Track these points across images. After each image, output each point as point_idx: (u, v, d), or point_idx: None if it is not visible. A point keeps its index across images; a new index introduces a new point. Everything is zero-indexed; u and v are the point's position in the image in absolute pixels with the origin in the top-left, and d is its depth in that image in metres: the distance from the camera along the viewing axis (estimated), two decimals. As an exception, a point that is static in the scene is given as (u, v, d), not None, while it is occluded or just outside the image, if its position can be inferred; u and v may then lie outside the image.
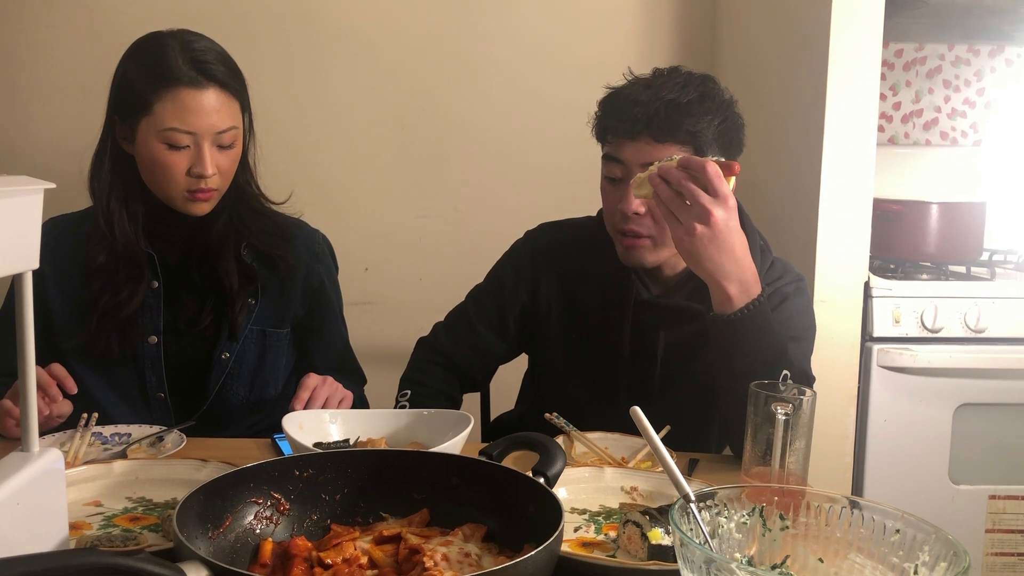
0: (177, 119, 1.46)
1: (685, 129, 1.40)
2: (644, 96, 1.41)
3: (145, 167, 1.51)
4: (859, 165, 2.04)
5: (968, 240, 2.32)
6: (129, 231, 1.54)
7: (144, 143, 1.49)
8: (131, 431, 1.42)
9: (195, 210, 1.54)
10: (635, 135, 1.41)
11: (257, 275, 1.62)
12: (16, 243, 0.82)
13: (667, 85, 1.42)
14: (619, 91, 1.48)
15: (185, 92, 1.46)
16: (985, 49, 2.77)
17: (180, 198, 1.52)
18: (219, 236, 1.59)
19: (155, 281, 1.58)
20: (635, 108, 1.40)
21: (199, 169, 1.48)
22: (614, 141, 1.44)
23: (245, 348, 1.62)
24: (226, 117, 1.50)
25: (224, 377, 1.61)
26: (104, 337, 1.54)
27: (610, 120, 1.45)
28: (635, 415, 0.97)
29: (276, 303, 1.65)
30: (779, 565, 0.86)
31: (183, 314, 1.60)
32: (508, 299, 1.62)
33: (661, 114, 1.39)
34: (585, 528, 1.09)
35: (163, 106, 1.46)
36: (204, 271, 1.60)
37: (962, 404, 2.09)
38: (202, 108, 1.47)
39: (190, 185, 1.50)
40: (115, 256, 1.55)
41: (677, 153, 1.37)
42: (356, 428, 1.29)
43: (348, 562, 0.86)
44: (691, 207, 1.25)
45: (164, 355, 1.59)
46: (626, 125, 1.41)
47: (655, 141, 1.40)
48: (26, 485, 0.83)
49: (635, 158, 1.41)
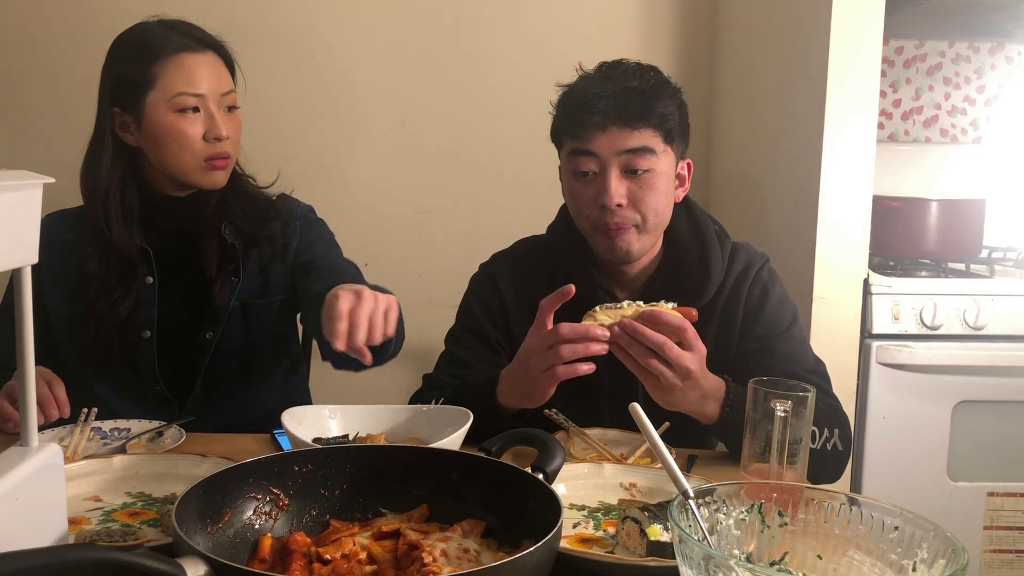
0: (184, 82, 1.49)
1: (657, 112, 1.41)
2: (607, 87, 1.41)
3: (158, 144, 1.51)
4: (859, 162, 2.04)
5: (967, 237, 2.33)
6: (124, 227, 1.54)
7: (153, 118, 1.49)
8: (130, 426, 1.42)
9: (213, 180, 1.54)
10: (606, 126, 1.40)
11: (239, 254, 1.60)
12: (15, 238, 0.82)
13: (625, 74, 1.43)
14: (576, 87, 1.47)
15: (187, 56, 1.50)
16: (985, 46, 2.77)
17: (198, 168, 1.52)
18: (206, 220, 1.59)
19: (149, 276, 1.58)
20: (600, 100, 1.40)
21: (215, 131, 1.50)
22: (583, 135, 1.42)
23: (230, 325, 1.61)
24: (226, 80, 1.55)
25: (210, 357, 1.60)
26: (104, 340, 1.54)
27: (576, 115, 1.43)
28: (634, 412, 0.97)
29: (259, 275, 1.63)
30: (778, 562, 0.86)
31: (173, 305, 1.60)
32: (486, 329, 1.57)
33: (633, 99, 1.40)
34: (584, 524, 1.09)
35: (167, 74, 1.48)
36: (191, 258, 1.59)
37: (961, 401, 2.10)
38: (206, 69, 1.51)
39: (207, 151, 1.51)
40: (107, 258, 1.54)
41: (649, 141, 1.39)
42: (355, 424, 1.29)
43: (347, 558, 0.86)
44: (670, 365, 1.23)
45: (156, 347, 1.59)
46: (595, 118, 1.40)
47: (628, 127, 1.40)
48: (25, 480, 0.83)
49: (610, 147, 1.40)
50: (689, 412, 1.32)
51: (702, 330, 1.34)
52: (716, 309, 1.50)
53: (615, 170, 1.41)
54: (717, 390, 1.31)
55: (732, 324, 1.50)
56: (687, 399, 1.28)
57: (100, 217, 1.53)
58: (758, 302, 1.50)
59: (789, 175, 2.22)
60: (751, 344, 1.48)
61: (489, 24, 2.61)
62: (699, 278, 1.48)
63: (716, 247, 1.50)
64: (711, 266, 1.49)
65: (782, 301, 1.52)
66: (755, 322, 1.49)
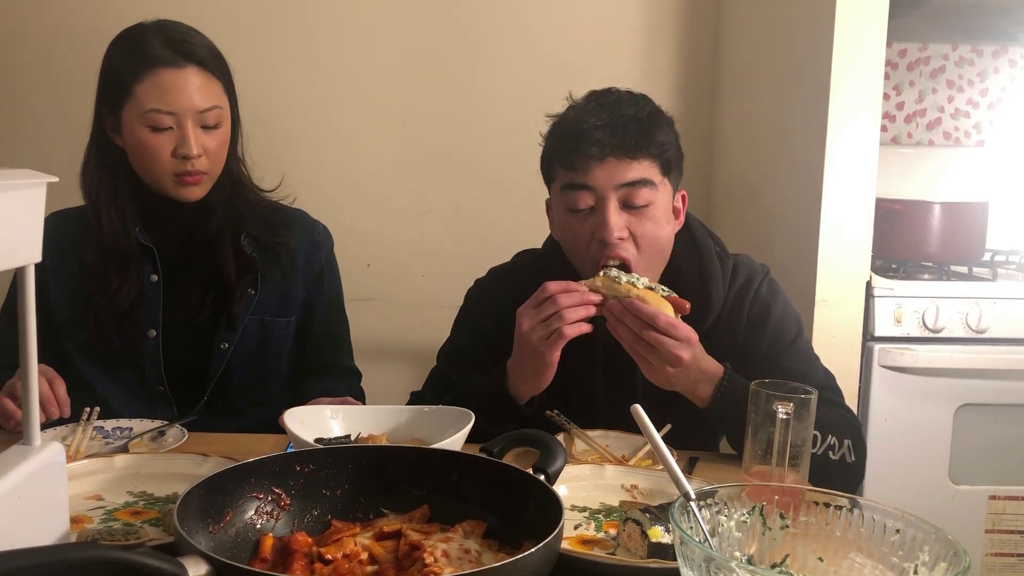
0: (157, 99, 1.47)
1: (656, 141, 1.38)
2: (603, 116, 1.37)
3: (133, 154, 1.52)
4: (862, 164, 2.04)
5: (970, 240, 2.32)
6: (118, 225, 1.55)
7: (129, 129, 1.49)
8: (132, 425, 1.42)
9: (186, 194, 1.53)
10: (603, 156, 1.36)
11: (258, 265, 1.62)
12: (19, 236, 0.82)
13: (619, 103, 1.39)
14: (568, 117, 1.41)
15: (163, 72, 1.47)
16: (989, 49, 2.77)
17: (169, 183, 1.52)
18: (217, 227, 1.59)
19: (154, 275, 1.58)
20: (597, 131, 1.35)
21: (184, 150, 1.49)
22: (579, 167, 1.37)
23: (244, 338, 1.62)
24: (207, 96, 1.51)
25: (223, 368, 1.61)
26: (104, 333, 1.55)
27: (570, 145, 1.38)
28: (636, 413, 0.97)
29: (277, 292, 1.65)
30: (779, 564, 0.86)
31: (183, 307, 1.60)
32: (477, 351, 1.55)
33: (631, 129, 1.36)
34: (585, 525, 1.09)
35: (143, 89, 1.47)
36: (204, 263, 1.60)
37: (963, 404, 2.09)
38: (181, 87, 1.48)
39: (177, 168, 1.50)
40: (104, 251, 1.55)
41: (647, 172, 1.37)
42: (357, 424, 1.29)
43: (348, 558, 0.87)
44: (658, 352, 1.27)
45: (163, 348, 1.59)
46: (592, 148, 1.35)
47: (627, 158, 1.36)
48: (27, 479, 0.83)
49: (608, 180, 1.36)
50: (683, 392, 1.34)
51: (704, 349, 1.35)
52: (717, 328, 1.47)
53: (613, 203, 1.37)
54: (714, 375, 1.32)
55: (733, 341, 1.47)
56: (679, 383, 1.31)
57: (91, 214, 1.55)
58: (760, 319, 1.47)
59: (792, 177, 2.22)
60: (757, 363, 1.42)
61: (491, 26, 2.60)
62: (701, 306, 1.45)
63: (718, 272, 1.48)
64: (712, 292, 1.46)
65: (784, 315, 1.49)
66: (758, 340, 1.46)
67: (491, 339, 1.51)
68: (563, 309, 1.29)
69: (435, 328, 1.77)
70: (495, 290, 1.59)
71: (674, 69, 2.65)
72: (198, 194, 1.54)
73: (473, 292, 1.64)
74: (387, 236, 2.64)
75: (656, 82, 2.60)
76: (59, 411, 1.37)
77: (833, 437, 1.33)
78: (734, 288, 1.49)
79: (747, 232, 2.44)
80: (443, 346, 1.61)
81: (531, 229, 1.73)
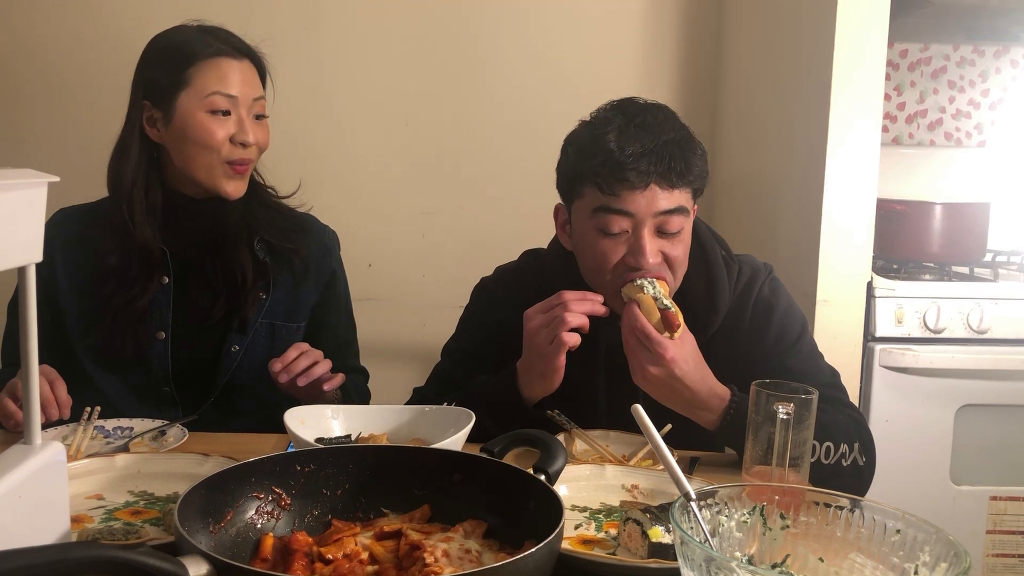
0: (220, 83, 1.52)
1: (696, 170, 1.37)
2: (646, 143, 1.33)
3: (185, 142, 1.53)
4: (863, 165, 2.04)
5: (972, 241, 2.32)
6: (147, 223, 1.55)
7: (184, 116, 1.52)
8: (133, 425, 1.42)
9: (232, 189, 1.56)
10: (647, 184, 1.33)
11: (270, 270, 1.62)
12: (19, 236, 0.82)
13: (658, 127, 1.35)
14: (604, 139, 1.35)
15: (224, 60, 1.54)
16: (990, 50, 2.77)
17: (220, 172, 1.54)
18: (233, 230, 1.60)
19: (165, 277, 1.58)
20: (641, 160, 1.32)
21: (242, 136, 1.53)
22: (618, 193, 1.33)
23: (255, 342, 1.62)
24: (258, 87, 1.59)
25: (232, 371, 1.61)
26: (119, 337, 1.55)
27: (610, 170, 1.33)
28: (636, 413, 0.97)
29: (288, 297, 1.65)
30: (779, 564, 0.86)
31: (193, 309, 1.60)
32: (480, 350, 1.55)
33: (675, 158, 1.33)
34: (586, 525, 1.09)
35: (204, 75, 1.52)
36: (217, 265, 1.60)
37: (964, 405, 2.09)
38: (240, 75, 1.55)
39: (232, 154, 1.54)
40: (128, 253, 1.55)
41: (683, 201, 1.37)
42: (358, 424, 1.29)
43: (349, 557, 0.87)
44: (646, 350, 1.29)
45: (172, 349, 1.59)
46: (635, 177, 1.32)
47: (668, 186, 1.34)
48: (28, 478, 0.83)
49: (648, 209, 1.34)
50: (683, 413, 1.33)
51: (707, 354, 1.35)
52: (721, 330, 1.47)
53: (649, 229, 1.35)
54: (715, 400, 1.31)
55: (737, 342, 1.47)
56: (663, 396, 1.31)
57: (125, 212, 1.55)
58: (763, 319, 1.47)
59: (793, 178, 2.22)
60: (761, 364, 1.42)
61: (494, 27, 2.61)
62: (706, 314, 1.45)
63: (723, 279, 1.47)
64: (718, 300, 1.46)
65: (788, 314, 1.48)
66: (761, 340, 1.46)
67: (496, 339, 1.51)
68: (567, 313, 1.30)
69: (436, 328, 1.78)
70: (501, 290, 1.59)
71: (676, 69, 2.65)
72: (241, 189, 1.58)
73: (479, 291, 1.64)
74: (388, 236, 2.65)
75: (658, 82, 2.60)
76: (59, 413, 1.37)
77: (844, 444, 1.32)
78: (737, 289, 1.49)
79: (748, 232, 2.44)
80: (447, 343, 1.62)
81: (532, 230, 1.74)
